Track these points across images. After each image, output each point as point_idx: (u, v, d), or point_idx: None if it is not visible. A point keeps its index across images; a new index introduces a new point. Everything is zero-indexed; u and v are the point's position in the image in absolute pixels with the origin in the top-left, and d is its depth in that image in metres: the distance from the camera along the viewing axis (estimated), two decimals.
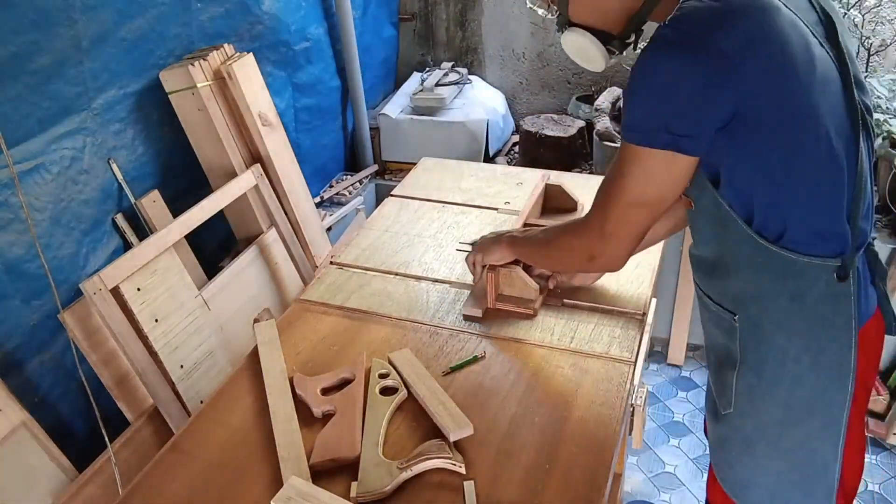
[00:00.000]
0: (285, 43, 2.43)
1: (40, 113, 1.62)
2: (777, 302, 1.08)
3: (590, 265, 1.19)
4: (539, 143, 2.78)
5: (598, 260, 1.16)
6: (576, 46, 1.19)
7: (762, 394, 1.14)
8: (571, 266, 1.38)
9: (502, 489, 1.09)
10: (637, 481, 2.27)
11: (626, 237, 1.11)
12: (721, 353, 1.20)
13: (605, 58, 1.17)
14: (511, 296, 1.48)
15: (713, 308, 1.18)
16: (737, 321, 1.13)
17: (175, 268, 1.81)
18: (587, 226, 1.16)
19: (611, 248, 1.13)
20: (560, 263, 1.39)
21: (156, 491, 1.14)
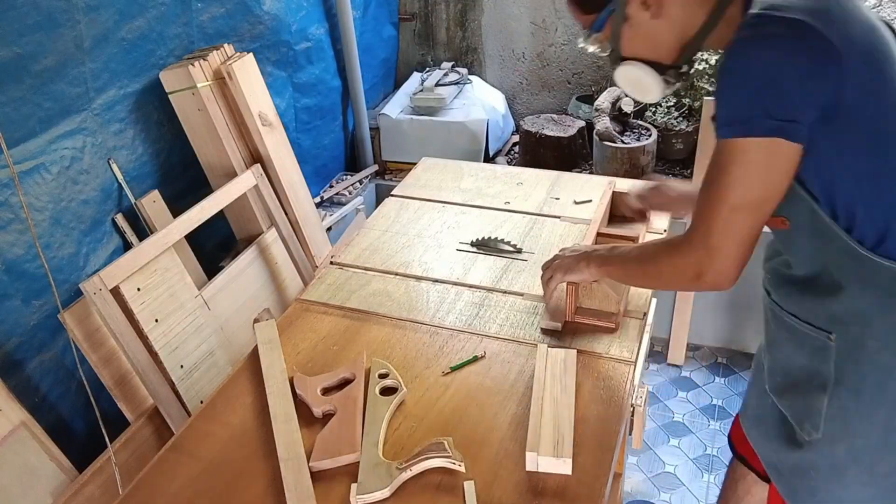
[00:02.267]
0: (286, 43, 2.44)
1: (41, 113, 1.62)
2: (883, 318, 1.03)
3: (697, 285, 1.06)
4: (539, 143, 2.78)
5: (706, 277, 1.03)
6: (629, 79, 1.17)
7: (860, 417, 1.08)
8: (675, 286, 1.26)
9: (502, 489, 1.09)
10: (637, 481, 2.27)
11: (734, 248, 1.01)
12: (801, 374, 1.13)
13: (662, 88, 1.16)
14: (591, 308, 1.43)
15: (799, 328, 1.12)
16: (832, 340, 1.07)
17: (175, 268, 1.81)
18: (690, 240, 1.05)
19: (719, 262, 1.02)
20: (662, 283, 1.25)
21: (156, 491, 1.14)
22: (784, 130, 0.93)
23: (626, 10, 1.10)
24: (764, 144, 0.95)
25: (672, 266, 1.10)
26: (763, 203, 0.99)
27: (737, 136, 0.96)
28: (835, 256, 1.04)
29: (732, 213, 0.99)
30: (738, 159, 0.97)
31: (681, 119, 2.71)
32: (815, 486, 1.17)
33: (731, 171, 0.97)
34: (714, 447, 2.35)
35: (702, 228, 1.03)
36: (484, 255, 1.69)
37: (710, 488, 2.22)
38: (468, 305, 1.51)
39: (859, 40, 0.94)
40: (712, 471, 2.27)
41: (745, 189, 0.97)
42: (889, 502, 1.13)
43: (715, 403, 2.52)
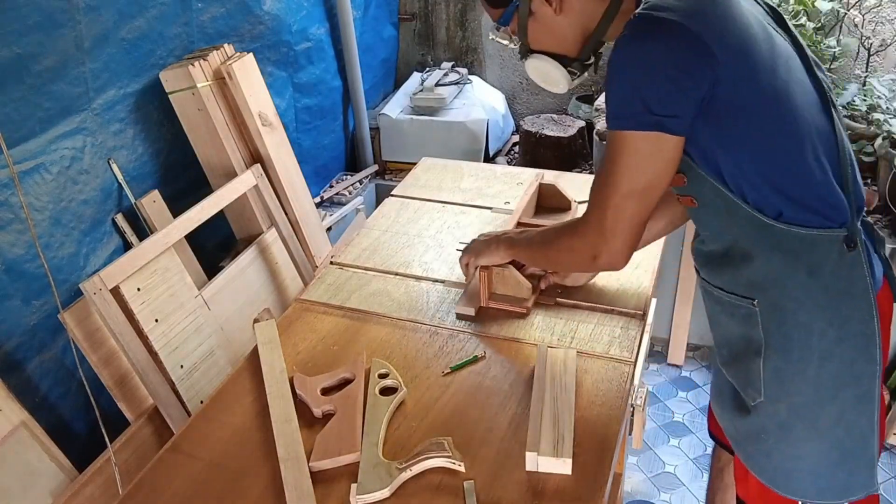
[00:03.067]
0: (286, 43, 2.44)
1: (41, 113, 1.62)
2: (795, 279, 1.09)
3: (593, 265, 1.18)
4: (539, 143, 2.78)
5: (601, 258, 1.15)
6: (538, 71, 1.27)
7: (792, 375, 1.14)
8: (574, 267, 1.38)
9: (502, 489, 1.09)
10: (637, 481, 2.27)
11: (626, 231, 1.11)
12: (739, 343, 1.20)
13: (567, 80, 1.25)
14: (504, 294, 1.48)
15: (726, 299, 1.18)
16: (756, 306, 1.13)
17: (175, 268, 1.81)
18: (585, 224, 1.16)
19: (612, 244, 1.12)
20: (561, 265, 1.39)
21: (156, 491, 1.14)
22: (663, 125, 1.01)
23: (530, 6, 1.18)
24: (647, 137, 1.03)
25: (570, 249, 1.21)
26: (649, 189, 1.08)
27: (622, 129, 1.04)
28: (741, 228, 1.11)
29: (623, 199, 1.08)
30: (625, 150, 1.05)
31: None
32: (768, 448, 1.22)
33: (619, 161, 1.06)
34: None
35: (596, 213, 1.12)
36: None
37: (706, 494, 2.21)
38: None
39: (733, 41, 1.01)
40: None
41: (632, 177, 1.06)
42: (835, 454, 1.17)
43: None
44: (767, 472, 1.24)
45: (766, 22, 1.12)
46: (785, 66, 1.07)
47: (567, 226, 1.25)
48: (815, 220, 1.07)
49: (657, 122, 1.01)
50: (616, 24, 1.14)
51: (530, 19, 1.20)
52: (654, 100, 1.00)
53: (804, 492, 1.22)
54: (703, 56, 0.99)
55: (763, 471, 1.25)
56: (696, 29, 0.99)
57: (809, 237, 1.07)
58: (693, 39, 0.99)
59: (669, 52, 1.00)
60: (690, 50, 0.99)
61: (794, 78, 1.08)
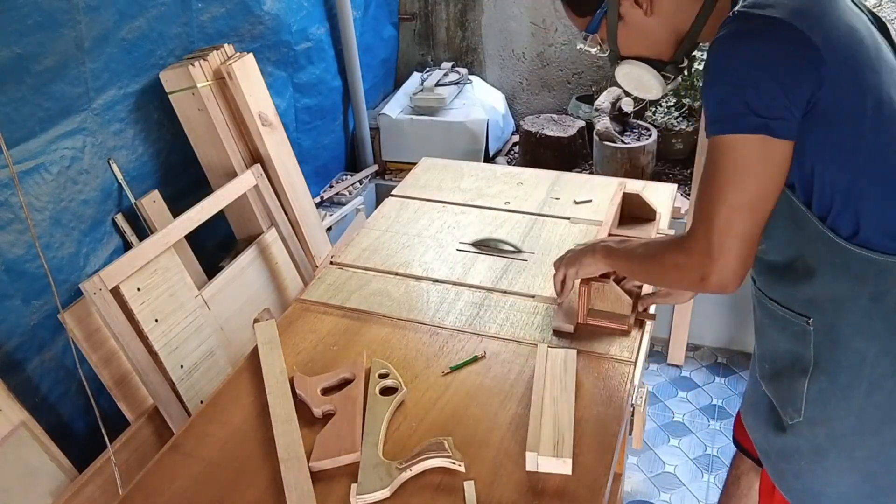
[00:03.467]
0: (286, 43, 2.44)
1: (41, 113, 1.62)
2: (856, 304, 1.04)
3: (701, 286, 1.04)
4: (539, 143, 2.78)
5: (711, 278, 1.01)
6: (630, 77, 1.19)
7: (836, 400, 1.09)
8: (681, 285, 1.26)
9: (502, 489, 1.09)
10: (637, 481, 2.27)
11: (736, 247, 0.99)
12: (785, 359, 1.15)
13: (662, 84, 1.18)
14: (603, 310, 1.42)
15: (780, 313, 1.13)
16: (810, 325, 1.08)
17: (175, 268, 1.81)
18: (692, 240, 1.03)
19: (722, 262, 1.00)
20: (666, 282, 1.26)
21: (156, 491, 1.14)
22: (769, 127, 0.94)
23: (619, 10, 1.13)
24: (752, 141, 0.95)
25: (676, 266, 1.08)
26: (760, 200, 0.98)
27: (725, 133, 0.96)
28: (809, 243, 1.05)
29: (731, 211, 0.98)
30: (731, 156, 0.97)
31: (681, 119, 2.71)
32: (799, 469, 1.18)
33: (725, 168, 0.97)
34: (714, 447, 2.35)
35: (703, 229, 1.01)
36: (484, 255, 1.69)
37: (710, 488, 2.22)
38: (468, 305, 1.51)
39: (839, 42, 0.95)
40: (712, 471, 2.27)
41: (739, 187, 0.97)
42: (868, 487, 1.14)
43: (715, 403, 2.52)
44: (795, 493, 1.21)
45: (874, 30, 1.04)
46: (889, 75, 1.00)
47: (673, 241, 1.13)
48: (889, 245, 1.00)
49: (763, 124, 0.94)
50: (711, 23, 1.08)
51: (620, 24, 1.14)
52: (759, 101, 0.93)
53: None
54: (809, 55, 0.93)
55: (790, 490, 1.21)
56: (802, 26, 0.93)
57: (880, 263, 1.00)
58: (800, 37, 0.93)
59: (774, 51, 0.94)
60: (796, 48, 0.93)
61: None
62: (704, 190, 1.01)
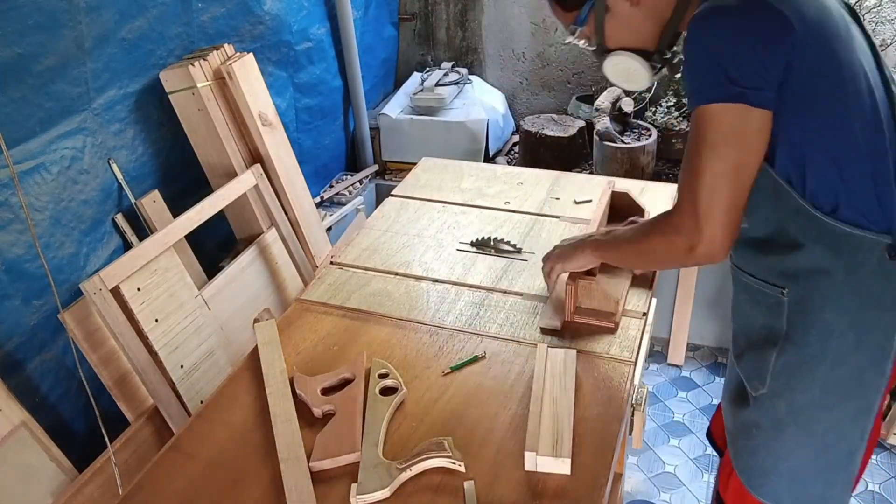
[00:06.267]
0: (287, 43, 2.44)
1: (42, 113, 1.62)
2: (831, 276, 1.07)
3: (690, 257, 1.06)
4: (539, 143, 2.78)
5: (699, 248, 1.04)
6: (619, 69, 1.22)
7: (801, 373, 1.13)
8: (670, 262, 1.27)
9: (502, 489, 1.09)
10: (637, 481, 2.27)
11: (721, 214, 1.02)
12: (758, 332, 1.18)
13: (650, 73, 1.20)
14: (590, 308, 1.43)
15: (756, 286, 1.15)
16: (785, 295, 1.11)
17: (175, 268, 1.81)
18: (678, 213, 1.07)
19: (709, 231, 1.02)
20: (656, 261, 1.28)
21: (156, 491, 1.14)
22: (746, 96, 0.98)
23: (605, 2, 1.16)
24: (731, 109, 0.98)
25: (665, 241, 1.11)
26: (741, 168, 1.01)
27: (704, 102, 1.00)
28: (790, 216, 1.07)
29: (714, 179, 1.01)
30: (711, 125, 1.00)
31: (681, 119, 2.71)
32: (755, 445, 1.21)
33: (706, 138, 1.01)
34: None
35: (688, 199, 1.04)
36: (484, 255, 1.69)
37: (710, 488, 2.22)
38: (468, 305, 1.52)
39: (811, 16, 0.99)
40: (712, 471, 2.27)
41: (721, 154, 1.00)
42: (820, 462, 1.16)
43: (715, 403, 2.52)
44: (747, 471, 1.24)
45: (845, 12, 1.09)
46: (862, 56, 1.04)
47: (659, 218, 1.15)
48: (863, 221, 1.04)
49: (740, 93, 0.97)
50: (691, 10, 1.11)
51: (607, 16, 1.17)
52: (737, 71, 0.97)
53: (779, 498, 1.22)
54: (783, 26, 0.97)
55: (744, 468, 1.25)
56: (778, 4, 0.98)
57: (855, 237, 1.04)
58: (771, 10, 0.97)
59: (749, 23, 0.98)
60: (770, 20, 0.97)
61: (869, 71, 1.05)
62: (687, 162, 1.04)
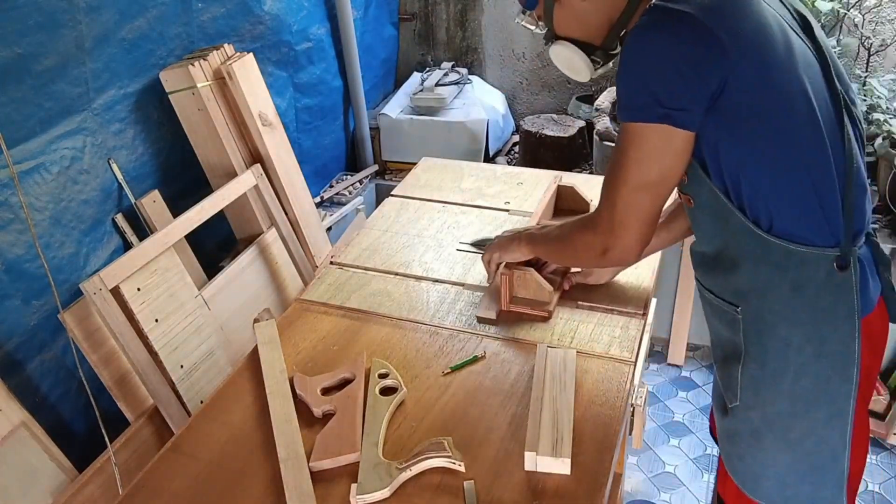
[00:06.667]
0: (287, 43, 2.44)
1: (42, 113, 1.62)
2: (778, 293, 1.09)
3: (603, 259, 1.16)
4: (539, 143, 2.78)
5: (611, 252, 1.13)
6: (562, 58, 1.25)
7: (767, 385, 1.15)
8: (586, 262, 1.37)
9: (502, 489, 1.09)
10: (637, 481, 2.27)
11: (635, 224, 1.09)
12: (726, 346, 1.20)
13: (590, 68, 1.23)
14: (525, 298, 1.47)
15: (715, 302, 1.19)
16: (739, 313, 1.14)
17: (175, 268, 1.81)
18: (597, 218, 1.14)
19: (622, 238, 1.11)
20: (575, 260, 1.37)
21: (156, 491, 1.14)
22: (671, 117, 1.00)
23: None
24: (656, 129, 1.02)
25: (583, 243, 1.19)
26: (660, 183, 1.07)
27: (632, 120, 1.03)
28: (732, 234, 1.10)
29: (633, 192, 1.07)
30: (635, 142, 1.04)
31: None
32: (741, 451, 1.23)
33: (629, 153, 1.05)
34: (714, 447, 2.35)
35: (606, 207, 1.11)
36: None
37: (710, 488, 2.22)
38: (468, 305, 1.51)
39: (747, 38, 1.00)
40: (712, 471, 2.27)
41: (642, 170, 1.05)
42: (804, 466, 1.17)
43: None
44: (739, 474, 1.25)
45: (790, 26, 1.08)
46: (803, 73, 1.04)
47: (580, 220, 1.23)
48: (807, 237, 1.05)
49: (665, 114, 1.00)
50: (639, 12, 1.13)
51: (556, 5, 1.19)
52: (663, 92, 1.00)
53: (771, 498, 1.23)
54: (715, 51, 0.98)
55: (735, 472, 1.26)
56: (710, 23, 0.98)
57: (799, 253, 1.05)
58: (705, 33, 0.98)
59: (680, 45, 0.99)
60: (702, 44, 0.98)
61: (811, 87, 1.04)
62: (610, 172, 1.10)
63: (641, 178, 1.06)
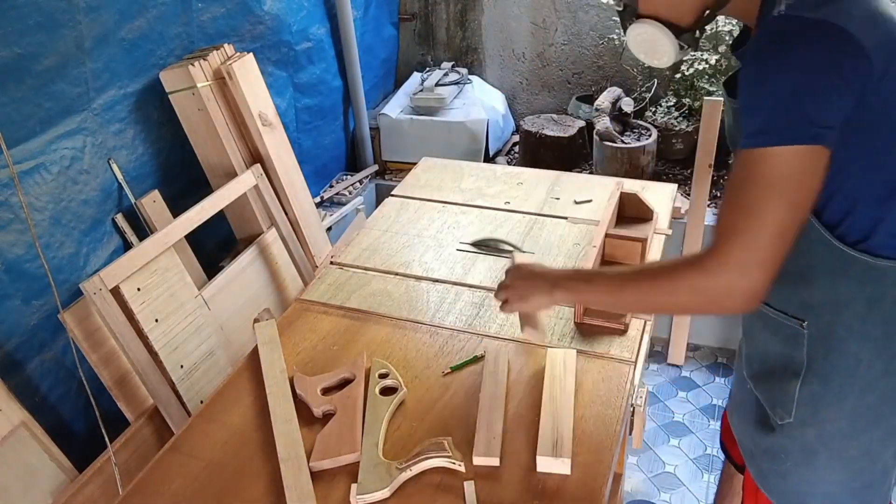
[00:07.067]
0: (287, 43, 2.44)
1: (42, 113, 1.62)
2: (853, 307, 1.03)
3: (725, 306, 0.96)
4: (539, 143, 2.78)
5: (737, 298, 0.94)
6: (643, 39, 1.09)
7: (828, 403, 1.09)
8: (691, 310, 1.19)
9: (502, 489, 1.09)
10: (637, 481, 2.27)
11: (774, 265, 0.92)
12: (776, 361, 1.14)
13: (677, 51, 1.08)
14: (599, 310, 1.41)
15: (773, 315, 1.11)
16: (804, 328, 1.07)
17: (175, 268, 1.81)
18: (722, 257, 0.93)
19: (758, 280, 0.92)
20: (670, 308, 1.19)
21: (156, 491, 1.14)
22: (822, 137, 0.89)
23: None
24: (804, 152, 0.89)
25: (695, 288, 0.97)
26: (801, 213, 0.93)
27: (775, 144, 0.89)
28: (811, 248, 1.02)
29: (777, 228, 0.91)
30: (775, 169, 0.90)
31: (681, 119, 2.71)
32: (786, 469, 1.17)
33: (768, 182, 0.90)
34: (714, 447, 2.35)
35: (738, 245, 0.92)
36: (484, 255, 1.69)
37: (710, 488, 2.21)
38: (468, 305, 1.52)
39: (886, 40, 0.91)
40: (712, 471, 2.27)
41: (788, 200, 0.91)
42: (856, 484, 1.15)
43: (715, 403, 2.52)
44: (779, 494, 1.21)
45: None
46: None
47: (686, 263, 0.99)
48: (889, 251, 0.99)
49: (816, 134, 0.88)
50: None
51: None
52: (815, 109, 0.88)
53: None
54: (860, 59, 0.88)
55: (774, 491, 1.22)
56: (851, 29, 0.88)
57: (880, 267, 0.99)
58: (847, 39, 0.88)
59: (828, 56, 0.88)
60: (848, 53, 0.88)
61: None
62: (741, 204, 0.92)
63: (786, 212, 0.90)
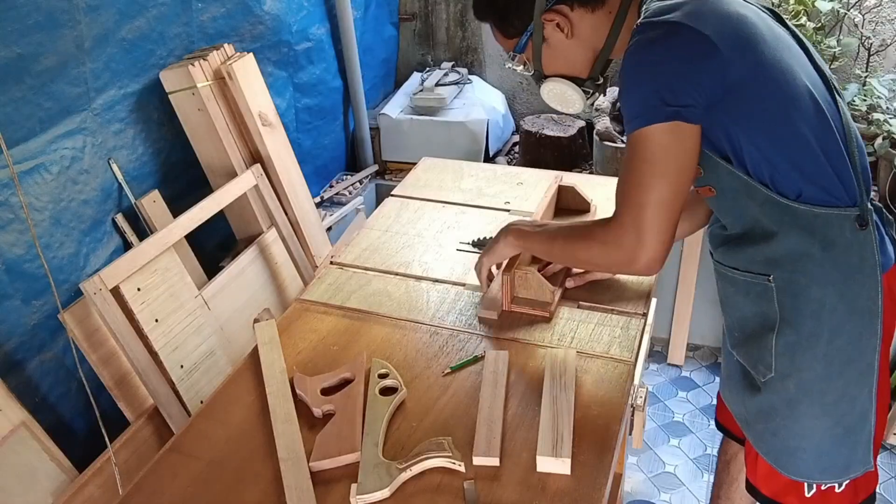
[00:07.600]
0: (287, 43, 2.44)
1: (41, 113, 1.62)
2: (810, 255, 1.14)
3: (629, 270, 1.19)
4: (539, 143, 2.78)
5: (639, 264, 1.13)
6: (555, 94, 1.32)
7: (803, 350, 1.18)
8: (607, 269, 1.39)
9: (502, 489, 1.09)
10: (637, 481, 2.27)
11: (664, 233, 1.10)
12: (753, 321, 1.23)
13: (583, 99, 1.30)
14: (527, 298, 1.47)
15: (741, 278, 1.22)
16: (771, 281, 1.18)
17: (175, 268, 1.81)
18: (620, 229, 1.13)
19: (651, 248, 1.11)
20: (591, 265, 1.39)
21: (156, 491, 1.14)
22: (681, 114, 1.05)
23: (543, 33, 1.24)
24: (667, 128, 1.06)
25: (603, 251, 1.18)
26: (680, 182, 1.09)
27: (645, 125, 1.07)
28: (763, 210, 1.15)
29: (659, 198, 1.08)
30: (649, 146, 1.08)
31: None
32: (775, 426, 1.26)
33: (645, 159, 1.08)
34: (714, 447, 2.35)
35: (630, 217, 1.11)
36: None
37: (710, 488, 2.22)
38: (468, 305, 1.52)
39: (731, 30, 1.07)
40: (712, 471, 2.27)
41: (662, 171, 1.08)
42: (838, 429, 1.21)
43: (715, 403, 2.52)
44: (773, 453, 1.28)
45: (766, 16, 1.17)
46: (788, 52, 1.12)
47: (598, 226, 1.20)
48: (829, 199, 1.11)
49: (674, 112, 1.05)
50: (622, 39, 1.21)
51: (544, 46, 1.25)
52: (669, 93, 1.05)
53: (808, 472, 1.26)
54: (706, 48, 1.04)
55: (769, 451, 1.28)
56: (698, 26, 1.05)
57: (824, 215, 1.11)
58: (695, 35, 1.05)
59: (675, 49, 1.06)
60: (694, 44, 1.05)
61: (798, 63, 1.13)
62: (628, 181, 1.11)
63: (662, 181, 1.08)
